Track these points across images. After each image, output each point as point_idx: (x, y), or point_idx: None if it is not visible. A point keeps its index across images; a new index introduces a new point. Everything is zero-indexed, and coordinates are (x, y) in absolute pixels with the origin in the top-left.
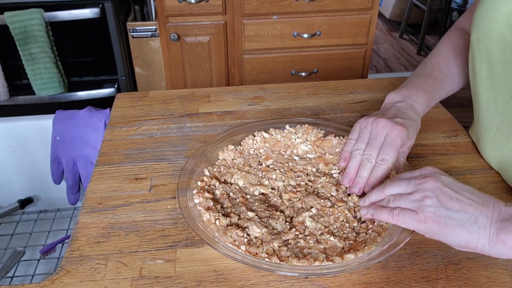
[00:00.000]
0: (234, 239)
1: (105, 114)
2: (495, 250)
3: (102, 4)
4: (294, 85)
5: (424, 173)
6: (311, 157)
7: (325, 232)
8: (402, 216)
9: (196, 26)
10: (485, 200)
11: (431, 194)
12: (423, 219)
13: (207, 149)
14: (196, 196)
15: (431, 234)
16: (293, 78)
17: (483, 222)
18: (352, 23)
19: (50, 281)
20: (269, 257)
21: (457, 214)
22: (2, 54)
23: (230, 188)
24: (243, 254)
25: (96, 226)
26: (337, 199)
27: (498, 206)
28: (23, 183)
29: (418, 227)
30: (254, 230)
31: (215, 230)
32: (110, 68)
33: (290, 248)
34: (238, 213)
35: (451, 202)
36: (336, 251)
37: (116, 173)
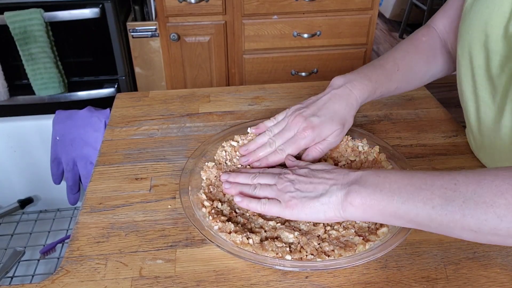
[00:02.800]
0: (276, 252)
1: (105, 114)
2: (348, 214)
3: (102, 4)
4: (294, 85)
5: (287, 170)
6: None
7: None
8: (269, 206)
9: (196, 26)
10: (336, 174)
11: (288, 184)
12: (285, 205)
13: (206, 148)
14: (214, 223)
15: (295, 216)
16: (293, 78)
17: (333, 192)
18: (352, 23)
19: (50, 281)
20: (317, 256)
21: (311, 193)
22: (2, 54)
23: (232, 204)
24: (292, 262)
25: (96, 226)
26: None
27: (347, 175)
28: (23, 183)
29: (282, 212)
30: (287, 237)
31: (250, 249)
32: (110, 68)
33: (329, 242)
34: (259, 226)
35: (305, 186)
36: (366, 231)
37: (116, 173)
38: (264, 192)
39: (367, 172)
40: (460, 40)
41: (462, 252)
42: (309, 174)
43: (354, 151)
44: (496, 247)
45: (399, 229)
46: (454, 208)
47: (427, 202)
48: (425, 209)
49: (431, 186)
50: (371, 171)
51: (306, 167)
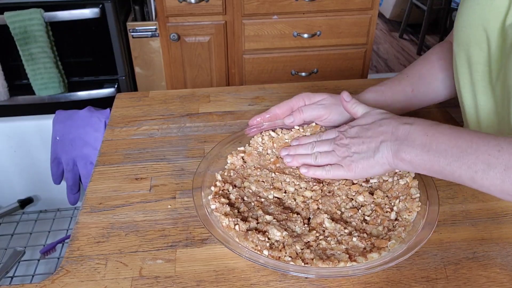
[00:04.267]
0: (256, 243)
1: (105, 114)
2: (400, 167)
3: (102, 4)
4: (294, 85)
5: (340, 134)
6: None
7: (345, 233)
8: (333, 171)
9: (196, 26)
10: (385, 128)
11: (345, 149)
12: (347, 169)
13: (221, 150)
14: (213, 202)
15: (359, 176)
16: (293, 78)
17: (384, 149)
18: (352, 23)
19: (50, 281)
20: (294, 260)
21: (366, 153)
22: (2, 54)
23: (244, 192)
24: (267, 259)
25: (96, 226)
26: (357, 202)
27: (396, 130)
28: (23, 183)
29: (346, 175)
30: (274, 234)
31: (234, 236)
32: (110, 68)
33: (313, 250)
34: (255, 217)
35: (359, 147)
36: (358, 251)
37: (116, 173)
38: (325, 160)
39: (415, 128)
40: (456, 38)
41: (462, 252)
42: (360, 133)
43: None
44: (496, 247)
45: (390, 257)
46: (495, 174)
47: (471, 166)
48: (469, 172)
49: (476, 150)
50: (420, 127)
51: (356, 124)
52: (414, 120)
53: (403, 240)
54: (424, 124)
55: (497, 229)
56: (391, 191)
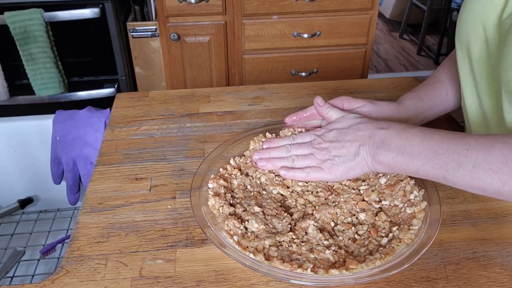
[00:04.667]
0: (230, 228)
1: (105, 114)
2: (379, 169)
3: (102, 4)
4: (294, 85)
5: (316, 137)
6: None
7: (323, 245)
8: (313, 174)
9: (196, 26)
10: (362, 133)
11: (325, 153)
12: (328, 172)
13: (225, 150)
14: (211, 182)
15: (339, 178)
16: (293, 78)
17: (362, 153)
18: (352, 23)
19: (50, 281)
20: (256, 253)
21: (346, 156)
22: (2, 54)
23: (250, 181)
24: (233, 247)
25: (96, 226)
26: (358, 219)
27: (373, 135)
28: (23, 183)
29: (327, 177)
30: (252, 225)
31: (216, 216)
32: (110, 68)
33: (280, 250)
34: (245, 206)
35: (339, 151)
36: (324, 264)
37: (116, 173)
38: (304, 163)
39: (390, 132)
40: (457, 35)
41: (462, 252)
42: (339, 137)
43: (405, 196)
44: (496, 247)
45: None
46: (464, 171)
47: (442, 166)
48: (441, 171)
49: (446, 150)
50: (394, 131)
51: (333, 128)
52: (389, 124)
53: (375, 266)
54: (399, 128)
55: (497, 229)
56: (396, 217)
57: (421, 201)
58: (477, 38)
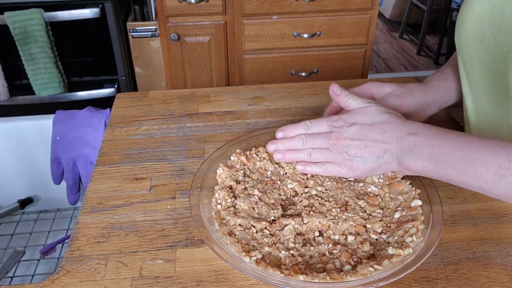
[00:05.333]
0: (219, 197)
1: (105, 114)
2: (405, 173)
3: (102, 4)
4: (294, 85)
5: (334, 131)
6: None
7: (286, 246)
8: (331, 170)
9: (196, 26)
10: (389, 135)
11: (345, 152)
12: (347, 170)
13: (227, 150)
14: (234, 155)
15: (358, 177)
16: (293, 78)
17: (388, 157)
18: (352, 23)
19: (50, 281)
20: (220, 226)
21: (368, 157)
22: (2, 54)
23: (274, 169)
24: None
25: (96, 226)
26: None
27: (401, 139)
28: (23, 183)
29: (346, 175)
30: (239, 203)
31: (218, 184)
32: (110, 68)
33: (244, 233)
34: (249, 186)
35: (360, 151)
36: (272, 260)
37: (116, 173)
38: (321, 157)
39: (421, 139)
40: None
41: (462, 252)
42: (360, 134)
43: (402, 236)
44: (496, 247)
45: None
46: (506, 184)
47: (480, 177)
48: (478, 183)
49: (486, 162)
50: (425, 137)
51: (354, 122)
52: (418, 128)
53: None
54: (430, 134)
55: (497, 229)
56: (378, 252)
57: (413, 247)
58: (473, 39)
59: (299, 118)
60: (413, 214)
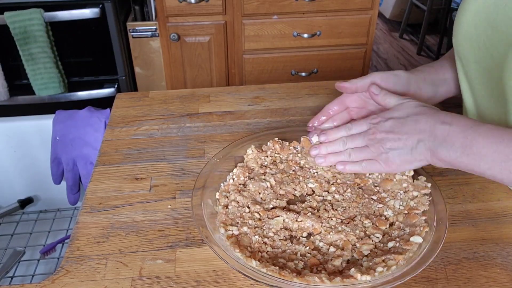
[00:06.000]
0: (235, 173)
1: (105, 114)
2: (438, 165)
3: (102, 4)
4: (294, 85)
5: (372, 127)
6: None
7: (263, 233)
8: (369, 167)
9: (196, 26)
10: (422, 125)
11: (380, 146)
12: (384, 164)
13: (231, 151)
14: (271, 142)
15: (395, 171)
16: (293, 78)
17: (421, 148)
18: (352, 23)
19: (50, 281)
20: (220, 198)
21: (403, 149)
22: (2, 54)
23: (299, 164)
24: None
25: (96, 226)
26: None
27: (433, 129)
28: (23, 183)
29: (383, 170)
30: (248, 184)
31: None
32: (110, 68)
33: (233, 211)
34: (270, 174)
35: (395, 143)
36: (243, 242)
37: (116, 173)
38: (360, 155)
39: (454, 129)
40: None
41: (462, 252)
42: (395, 127)
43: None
44: (496, 247)
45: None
46: None
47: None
48: (511, 178)
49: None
50: (459, 128)
51: (390, 116)
52: (452, 118)
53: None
54: (464, 124)
55: (497, 229)
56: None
57: (375, 276)
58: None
59: (299, 118)
60: (406, 248)
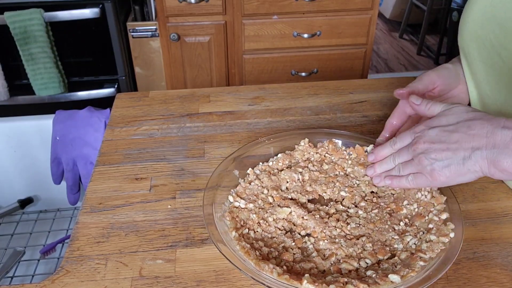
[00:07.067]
0: (277, 158)
1: (105, 114)
2: (496, 176)
3: (102, 4)
4: (294, 85)
5: (415, 137)
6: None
7: (265, 221)
8: (416, 181)
9: (196, 26)
10: (477, 131)
11: (423, 156)
12: (430, 178)
13: (246, 151)
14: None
15: (445, 184)
16: (293, 78)
17: (477, 157)
18: (352, 23)
19: (50, 281)
20: (247, 175)
21: (451, 159)
22: (2, 54)
23: (347, 158)
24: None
25: (96, 226)
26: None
27: (491, 135)
28: (23, 183)
29: (431, 184)
30: (283, 172)
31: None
32: (110, 68)
33: (253, 185)
34: (312, 171)
35: (442, 153)
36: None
37: (116, 173)
38: (407, 170)
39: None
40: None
41: (462, 252)
42: (442, 136)
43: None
44: (496, 247)
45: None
46: None
47: None
48: None
49: None
50: None
51: (436, 125)
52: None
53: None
54: None
55: (497, 229)
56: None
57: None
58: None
59: (299, 118)
60: (378, 282)
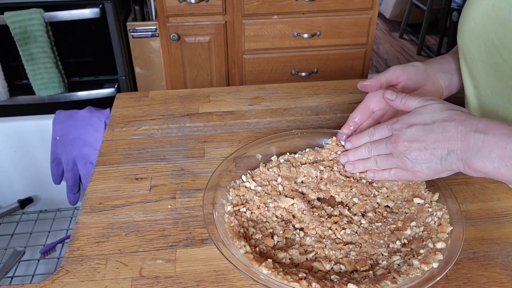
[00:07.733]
0: (300, 153)
1: (105, 114)
2: (472, 174)
3: (102, 4)
4: (294, 85)
5: (393, 134)
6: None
7: (267, 216)
8: (398, 175)
9: (196, 26)
10: (452, 134)
11: (404, 157)
12: (412, 174)
13: (247, 151)
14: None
15: (425, 179)
16: (293, 78)
17: (453, 159)
18: (352, 23)
19: (50, 281)
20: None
21: (430, 160)
22: (2, 54)
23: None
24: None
25: (96, 226)
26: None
27: (465, 138)
28: (23, 183)
29: (413, 179)
30: (302, 166)
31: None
32: (110, 68)
33: (266, 169)
34: (335, 171)
35: (420, 153)
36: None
37: (116, 173)
38: (386, 163)
39: (491, 139)
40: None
41: (462, 252)
42: (420, 135)
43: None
44: (496, 247)
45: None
46: None
47: None
48: None
49: None
50: (496, 138)
51: (413, 123)
52: (486, 126)
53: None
54: (500, 133)
55: (497, 229)
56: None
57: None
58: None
59: (299, 118)
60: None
